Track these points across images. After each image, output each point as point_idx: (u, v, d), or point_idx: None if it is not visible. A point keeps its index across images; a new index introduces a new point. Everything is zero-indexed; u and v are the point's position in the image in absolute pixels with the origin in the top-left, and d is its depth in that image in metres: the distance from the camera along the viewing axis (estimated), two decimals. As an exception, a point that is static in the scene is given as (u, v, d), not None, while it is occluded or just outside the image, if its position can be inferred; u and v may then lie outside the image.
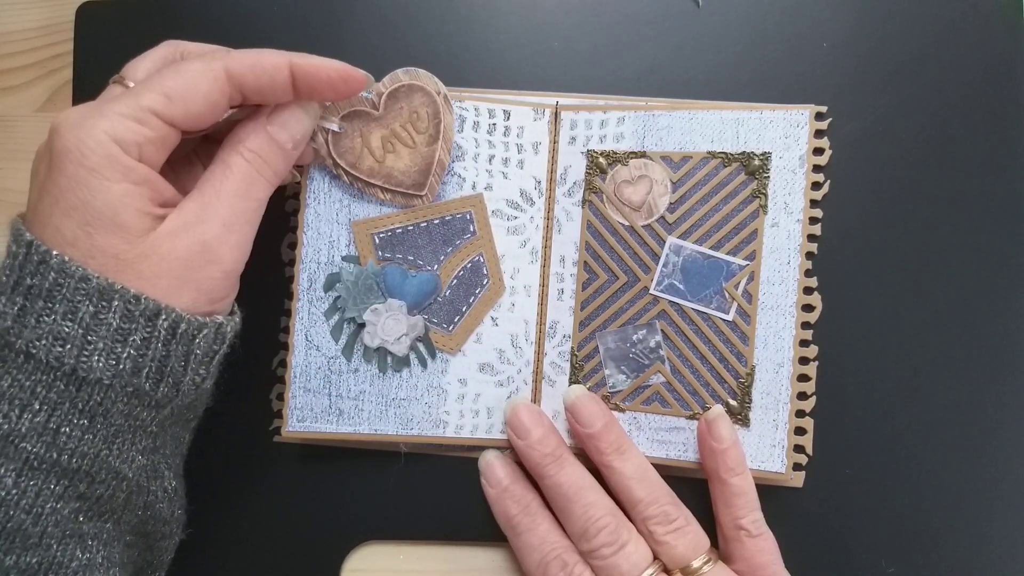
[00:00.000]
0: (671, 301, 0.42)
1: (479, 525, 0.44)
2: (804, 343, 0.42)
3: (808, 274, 0.42)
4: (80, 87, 0.47)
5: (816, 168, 0.42)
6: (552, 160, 0.44)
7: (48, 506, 0.32)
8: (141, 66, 0.38)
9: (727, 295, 0.41)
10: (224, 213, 0.35)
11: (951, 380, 0.42)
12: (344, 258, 0.43)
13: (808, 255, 0.42)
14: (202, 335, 0.34)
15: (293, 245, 0.44)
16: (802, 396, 0.42)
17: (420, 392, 0.43)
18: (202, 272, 0.34)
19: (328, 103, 0.41)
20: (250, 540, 0.45)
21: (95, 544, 0.34)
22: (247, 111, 0.38)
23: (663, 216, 0.42)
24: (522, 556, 0.41)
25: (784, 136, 0.41)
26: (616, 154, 0.43)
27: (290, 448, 0.45)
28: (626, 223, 0.43)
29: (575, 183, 0.43)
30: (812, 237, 0.42)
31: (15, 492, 0.31)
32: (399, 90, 0.41)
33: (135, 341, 0.32)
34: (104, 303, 0.32)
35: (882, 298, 0.42)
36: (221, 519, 0.45)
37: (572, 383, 0.43)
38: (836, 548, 0.42)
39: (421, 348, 0.43)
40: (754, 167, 0.41)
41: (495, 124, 0.43)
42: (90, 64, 0.47)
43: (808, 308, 0.42)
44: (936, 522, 0.42)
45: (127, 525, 0.36)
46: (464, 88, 0.44)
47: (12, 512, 0.31)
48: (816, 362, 0.42)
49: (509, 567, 0.44)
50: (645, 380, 0.42)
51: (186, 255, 0.34)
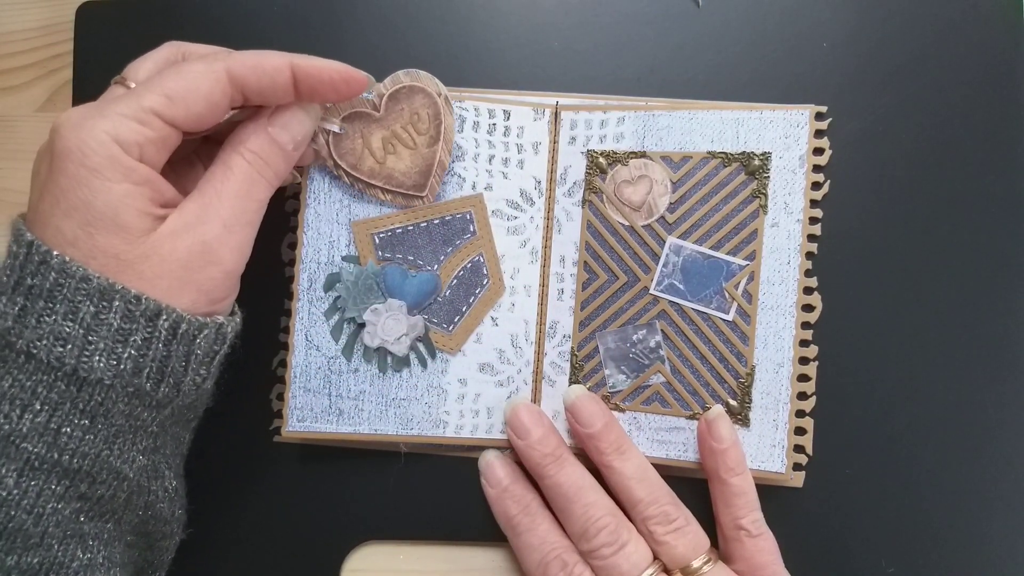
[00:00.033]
0: (671, 301, 0.42)
1: (479, 525, 0.44)
2: (804, 343, 0.42)
3: (808, 274, 0.42)
4: (80, 87, 0.47)
5: (816, 168, 0.42)
6: (552, 160, 0.44)
7: (49, 506, 0.32)
8: (143, 67, 0.38)
9: (727, 295, 0.41)
10: (225, 214, 0.35)
11: (951, 380, 0.42)
12: (344, 258, 0.43)
13: (808, 255, 0.42)
14: (203, 335, 0.34)
15: (293, 245, 0.44)
16: (802, 396, 0.42)
17: (420, 392, 0.43)
18: (202, 273, 0.34)
19: (329, 104, 0.41)
20: (250, 540, 0.45)
21: (96, 544, 0.34)
22: (248, 112, 0.38)
23: (663, 216, 0.42)
24: (522, 556, 0.41)
25: (784, 136, 0.41)
26: (616, 154, 0.43)
27: (290, 448, 0.45)
28: (626, 223, 0.43)
29: (575, 183, 0.43)
30: (812, 237, 0.42)
31: (16, 492, 0.31)
32: (400, 91, 0.41)
33: (136, 341, 0.33)
34: (105, 303, 0.32)
35: (882, 298, 0.42)
36: (221, 519, 0.45)
37: (572, 383, 0.43)
38: (836, 548, 0.42)
39: (421, 348, 0.43)
40: (754, 167, 0.41)
41: (495, 124, 0.43)
42: (90, 64, 0.47)
43: (808, 308, 0.42)
44: (936, 522, 0.42)
45: (128, 525, 0.36)
46: (464, 88, 0.44)
47: (13, 512, 0.31)
48: (816, 362, 0.42)
49: (509, 567, 0.44)
50: (645, 380, 0.42)
51: (187, 256, 0.34)
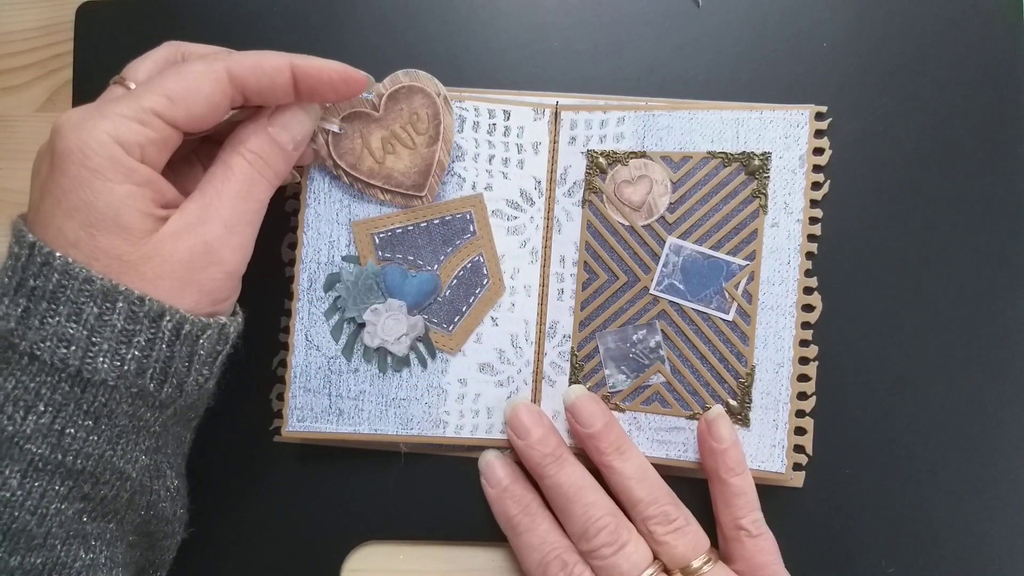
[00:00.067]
0: (671, 301, 0.42)
1: (479, 525, 0.44)
2: (804, 343, 0.42)
3: (808, 274, 0.42)
4: (80, 87, 0.47)
5: (816, 168, 0.42)
6: (552, 160, 0.44)
7: (53, 507, 0.32)
8: (142, 67, 0.38)
9: (727, 295, 0.41)
10: (226, 214, 0.35)
11: (951, 380, 0.42)
12: (344, 258, 0.43)
13: (808, 255, 0.42)
14: (206, 336, 0.34)
15: (293, 245, 0.44)
16: (802, 396, 0.42)
17: (420, 392, 0.43)
18: (204, 273, 0.34)
19: (328, 104, 0.41)
20: (250, 540, 0.45)
21: (98, 544, 0.34)
22: (248, 112, 0.38)
23: (663, 216, 0.42)
24: (522, 556, 0.41)
25: (784, 136, 0.41)
26: (616, 154, 0.43)
27: (290, 448, 0.45)
28: (626, 223, 0.43)
29: (575, 183, 0.43)
30: (812, 237, 0.42)
31: (20, 493, 0.31)
32: (399, 91, 0.41)
33: (139, 342, 0.33)
34: (108, 304, 0.32)
35: (882, 298, 0.43)
36: (221, 519, 0.45)
37: (572, 383, 0.43)
38: (836, 548, 0.42)
39: (421, 348, 0.43)
40: (754, 167, 0.41)
41: (495, 124, 0.43)
42: (90, 64, 0.47)
43: (808, 308, 0.42)
44: (936, 522, 0.42)
45: (130, 525, 0.36)
46: (464, 88, 0.44)
47: (17, 513, 0.31)
48: (816, 362, 0.42)
49: (509, 567, 0.44)
50: (645, 380, 0.42)
51: (189, 256, 0.34)
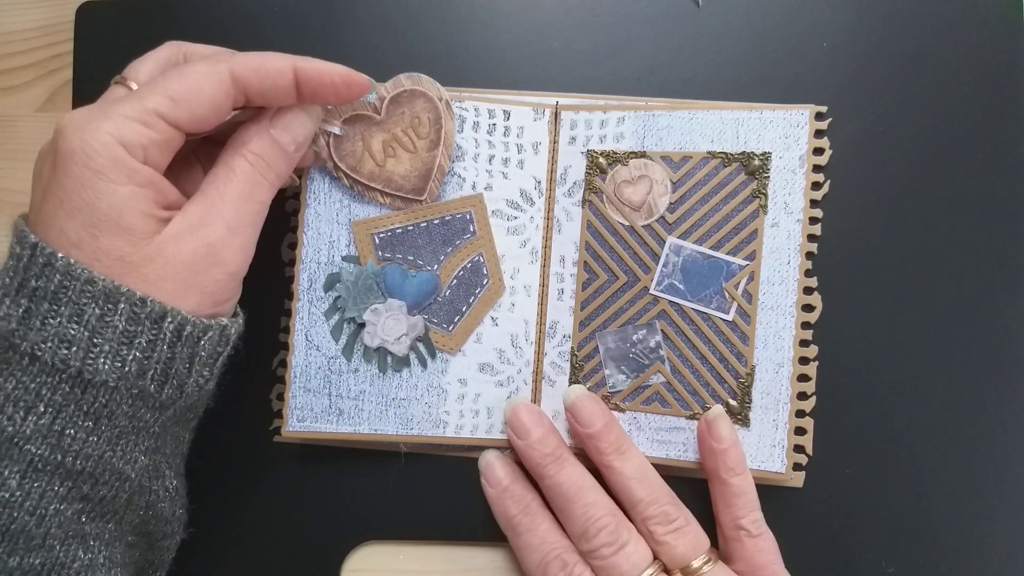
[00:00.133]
0: (671, 301, 0.42)
1: (479, 525, 0.44)
2: (804, 343, 0.42)
3: (808, 274, 0.42)
4: (80, 87, 0.47)
5: (816, 168, 0.42)
6: (552, 160, 0.44)
7: (52, 507, 0.32)
8: (143, 67, 0.38)
9: (727, 295, 0.41)
10: (228, 216, 0.35)
11: (951, 380, 0.42)
12: (344, 258, 0.43)
13: (808, 255, 0.42)
14: (207, 337, 0.34)
15: (293, 245, 0.44)
16: (802, 396, 0.42)
17: (420, 392, 0.43)
18: (206, 275, 0.34)
19: (330, 107, 0.41)
20: (250, 540, 0.45)
21: (97, 544, 0.34)
22: (249, 113, 0.38)
23: (663, 216, 0.42)
24: (522, 556, 0.41)
25: (784, 136, 0.41)
26: (616, 154, 0.43)
27: (290, 448, 0.45)
28: (626, 223, 0.43)
29: (575, 183, 0.43)
30: (812, 237, 0.42)
31: (19, 494, 0.31)
32: (401, 95, 0.41)
33: (141, 344, 0.33)
34: (110, 305, 0.32)
35: (882, 298, 0.43)
36: (221, 519, 0.45)
37: (572, 383, 0.43)
38: (836, 548, 0.42)
39: (421, 348, 0.43)
40: (754, 167, 0.41)
41: (495, 124, 0.43)
42: (90, 64, 0.47)
43: (808, 308, 0.42)
44: (936, 522, 0.42)
45: (129, 525, 0.36)
46: (464, 88, 0.44)
47: (16, 514, 0.31)
48: (816, 362, 0.42)
49: (509, 567, 0.44)
50: (645, 380, 0.42)
51: (191, 258, 0.34)
